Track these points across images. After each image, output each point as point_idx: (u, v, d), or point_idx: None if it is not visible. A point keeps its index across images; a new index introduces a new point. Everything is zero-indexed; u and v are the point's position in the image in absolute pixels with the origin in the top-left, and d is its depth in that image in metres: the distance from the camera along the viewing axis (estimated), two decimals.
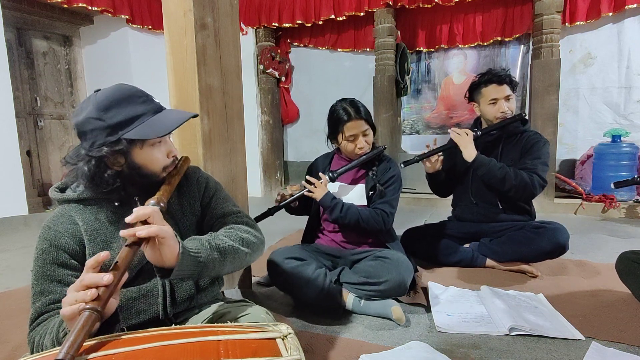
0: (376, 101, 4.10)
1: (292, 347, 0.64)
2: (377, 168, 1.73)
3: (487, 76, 1.94)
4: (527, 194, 1.84)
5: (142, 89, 0.91)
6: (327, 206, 1.64)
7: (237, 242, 0.90)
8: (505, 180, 1.82)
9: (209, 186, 1.07)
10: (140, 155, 0.88)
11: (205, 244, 0.84)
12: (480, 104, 1.99)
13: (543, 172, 1.84)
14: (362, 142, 1.67)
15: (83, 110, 0.85)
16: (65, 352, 0.56)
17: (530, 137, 1.93)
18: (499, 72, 1.93)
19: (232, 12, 1.53)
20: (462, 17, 4.06)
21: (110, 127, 0.83)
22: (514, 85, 1.94)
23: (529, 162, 1.86)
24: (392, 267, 1.50)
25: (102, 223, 0.90)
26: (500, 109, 1.91)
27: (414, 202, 4.03)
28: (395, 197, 1.70)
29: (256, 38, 4.82)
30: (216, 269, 0.85)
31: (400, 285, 1.48)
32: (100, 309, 0.64)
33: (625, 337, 1.29)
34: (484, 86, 1.95)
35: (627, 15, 3.52)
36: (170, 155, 0.94)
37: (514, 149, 1.95)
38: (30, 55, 4.06)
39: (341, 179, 1.77)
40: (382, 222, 1.64)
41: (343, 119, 1.64)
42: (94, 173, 0.85)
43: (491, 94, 1.92)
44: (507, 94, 1.91)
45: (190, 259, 0.78)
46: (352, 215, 1.61)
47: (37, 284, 0.84)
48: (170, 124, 0.88)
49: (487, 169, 1.85)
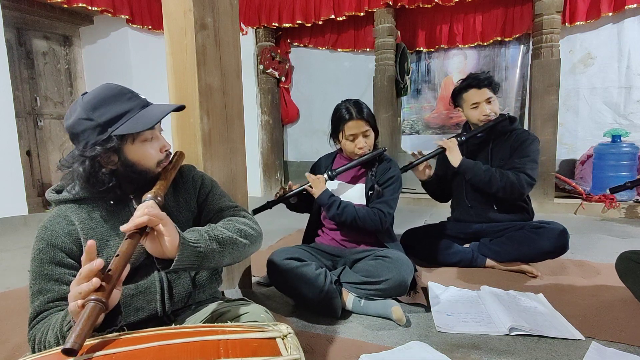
0: (376, 101, 4.10)
1: (292, 346, 0.64)
2: (377, 168, 1.74)
3: (467, 81, 1.97)
4: (516, 193, 1.85)
5: (128, 87, 0.93)
6: (325, 203, 1.66)
7: (236, 234, 0.91)
8: (491, 182, 1.84)
9: (204, 183, 1.08)
10: (132, 151, 0.89)
11: (204, 234, 0.85)
12: (463, 109, 2.02)
13: (532, 170, 1.85)
14: (362, 142, 1.69)
15: (72, 113, 0.87)
16: (73, 342, 0.56)
17: (519, 135, 1.95)
18: (478, 76, 1.94)
19: (232, 12, 1.53)
20: (462, 17, 4.06)
21: (100, 125, 0.85)
22: (495, 87, 1.96)
23: (517, 160, 1.88)
24: (393, 266, 1.50)
25: (98, 221, 0.91)
26: (483, 112, 1.92)
27: (414, 202, 4.03)
28: (394, 198, 1.70)
29: (256, 38, 4.83)
30: (215, 259, 0.86)
31: (400, 284, 1.48)
32: (104, 299, 0.65)
33: (625, 337, 1.29)
34: (464, 91, 1.97)
35: (627, 15, 3.52)
36: (164, 150, 0.95)
37: (504, 148, 1.96)
38: (30, 55, 4.06)
39: (342, 178, 1.78)
40: (378, 221, 1.64)
41: (344, 117, 1.67)
42: (89, 173, 0.86)
43: (472, 98, 1.94)
44: (488, 96, 1.92)
45: (190, 249, 0.79)
46: (348, 213, 1.62)
47: (35, 283, 0.85)
48: (156, 116, 0.89)
49: (472, 172, 1.89)
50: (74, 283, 0.69)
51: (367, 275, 1.50)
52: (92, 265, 0.67)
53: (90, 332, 0.60)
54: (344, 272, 1.58)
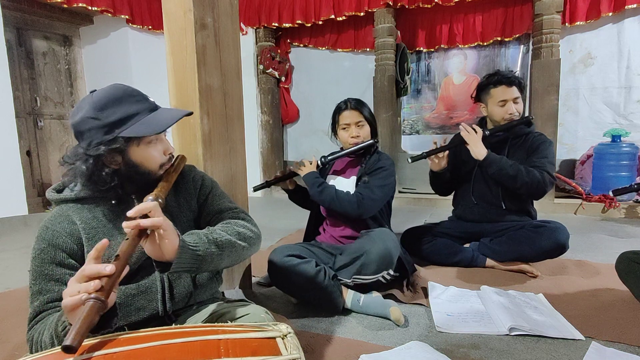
0: (376, 101, 4.10)
1: (292, 346, 0.64)
2: (368, 160, 1.78)
3: (497, 77, 1.94)
4: (540, 190, 1.83)
5: (138, 89, 0.92)
6: (309, 183, 1.71)
7: (235, 237, 0.91)
8: (517, 177, 1.81)
9: (204, 184, 1.08)
10: (137, 153, 0.89)
11: (203, 238, 0.85)
12: (488, 105, 1.98)
13: (551, 170, 1.85)
14: (355, 132, 1.75)
15: (80, 110, 0.86)
16: (72, 339, 0.56)
17: (536, 138, 1.94)
18: (508, 74, 1.93)
19: (232, 12, 1.53)
20: (462, 17, 4.06)
21: (106, 126, 0.85)
22: (523, 87, 1.95)
23: (536, 160, 1.86)
24: (377, 238, 1.52)
25: (100, 221, 0.91)
26: (509, 111, 1.91)
27: (414, 202, 4.03)
28: (379, 186, 1.68)
29: (256, 38, 4.83)
30: (214, 262, 0.86)
31: (385, 256, 1.48)
32: (104, 298, 0.64)
33: (625, 337, 1.29)
34: (493, 87, 1.94)
35: (627, 15, 3.52)
36: (167, 152, 0.95)
37: (520, 150, 1.95)
38: (30, 55, 4.06)
39: (337, 171, 1.85)
40: (355, 203, 1.63)
41: (340, 108, 1.79)
42: (92, 172, 0.86)
43: (500, 95, 1.92)
44: (516, 95, 1.91)
45: (189, 252, 0.79)
46: (327, 193, 1.66)
47: (35, 283, 0.85)
48: (166, 121, 0.89)
49: (498, 166, 1.84)
50: (73, 279, 0.68)
51: (354, 252, 1.52)
52: (104, 270, 0.66)
53: (88, 330, 0.60)
54: (337, 259, 1.60)
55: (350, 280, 1.53)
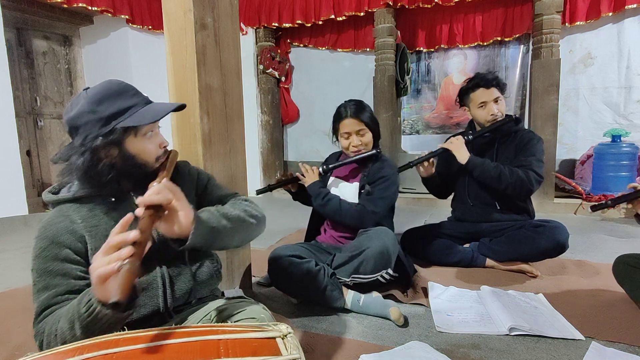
0: (376, 101, 4.10)
1: (292, 346, 0.64)
2: (370, 168, 1.76)
3: (475, 80, 1.96)
4: (525, 190, 1.85)
5: (132, 84, 0.94)
6: (313, 194, 1.70)
7: (243, 213, 0.97)
8: (500, 178, 1.83)
9: (201, 176, 1.12)
10: (133, 144, 0.91)
11: (214, 212, 0.89)
12: (470, 108, 2.02)
13: (538, 168, 1.85)
14: (356, 141, 1.72)
15: (75, 106, 0.88)
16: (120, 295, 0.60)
17: (524, 135, 1.95)
18: (486, 76, 1.94)
19: (232, 12, 1.53)
20: (462, 17, 4.06)
21: (103, 119, 0.86)
22: (502, 87, 1.96)
23: (523, 159, 1.88)
24: (375, 235, 1.53)
25: (101, 218, 0.91)
26: (490, 112, 1.93)
27: (414, 202, 4.03)
28: (382, 197, 1.68)
29: (256, 38, 4.83)
30: (227, 238, 0.90)
31: (383, 253, 1.49)
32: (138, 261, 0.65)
33: (625, 337, 1.29)
34: (472, 91, 1.97)
35: (627, 15, 3.52)
36: (162, 146, 0.98)
37: (509, 149, 1.97)
38: (30, 55, 4.06)
39: (339, 175, 1.83)
40: (358, 218, 1.64)
41: (340, 115, 1.74)
42: (88, 165, 0.86)
43: (479, 97, 1.94)
44: (496, 96, 1.92)
45: (204, 225, 0.83)
46: (332, 205, 1.66)
47: (39, 280, 0.84)
48: (162, 110, 0.92)
49: (481, 169, 1.88)
50: (98, 254, 0.69)
51: (352, 250, 1.52)
52: (128, 236, 0.67)
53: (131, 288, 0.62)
54: (335, 257, 1.60)
55: (349, 279, 1.53)
